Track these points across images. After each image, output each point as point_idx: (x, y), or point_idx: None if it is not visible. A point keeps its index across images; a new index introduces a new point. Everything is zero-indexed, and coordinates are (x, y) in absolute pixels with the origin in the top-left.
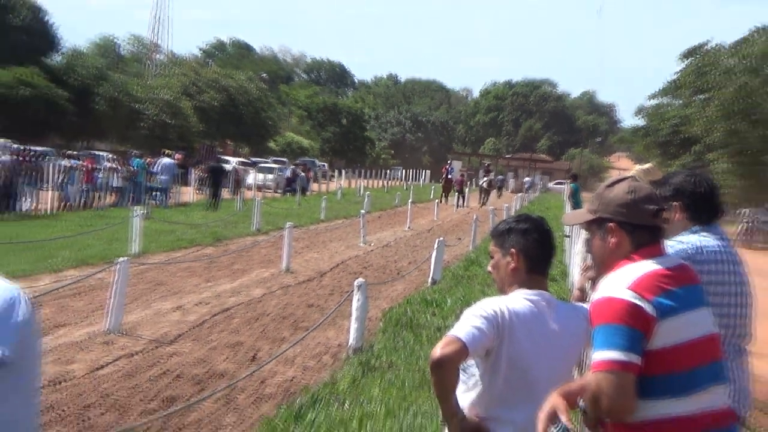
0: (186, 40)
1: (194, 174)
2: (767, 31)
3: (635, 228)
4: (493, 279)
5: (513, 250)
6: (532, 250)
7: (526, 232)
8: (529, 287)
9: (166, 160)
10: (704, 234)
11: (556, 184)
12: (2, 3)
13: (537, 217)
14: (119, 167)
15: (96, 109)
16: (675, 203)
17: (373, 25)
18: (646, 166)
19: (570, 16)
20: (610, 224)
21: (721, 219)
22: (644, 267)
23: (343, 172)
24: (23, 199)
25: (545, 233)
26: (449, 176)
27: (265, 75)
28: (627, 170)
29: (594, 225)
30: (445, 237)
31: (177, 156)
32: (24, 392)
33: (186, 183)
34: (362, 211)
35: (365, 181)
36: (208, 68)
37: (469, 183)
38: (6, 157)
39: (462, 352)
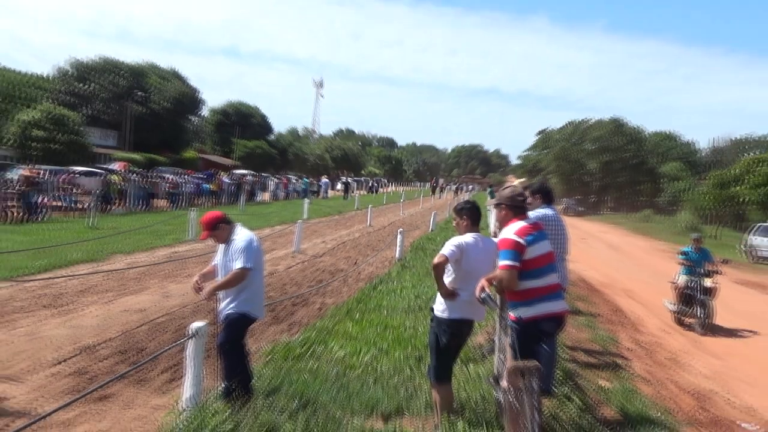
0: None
1: (339, 185)
2: (572, 123)
3: (513, 207)
4: (456, 230)
5: (464, 216)
6: (472, 216)
7: (470, 208)
8: (471, 232)
9: (324, 179)
10: (547, 209)
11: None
12: (245, 113)
13: (473, 201)
14: (296, 181)
15: (289, 158)
16: (536, 195)
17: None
18: (519, 180)
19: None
20: (503, 205)
21: (553, 202)
22: (519, 224)
23: (392, 184)
24: (258, 195)
25: (477, 208)
26: (435, 184)
27: (359, 143)
28: (512, 182)
29: (499, 206)
30: (436, 212)
31: (326, 177)
32: (259, 279)
33: (333, 188)
34: (401, 200)
35: (402, 187)
36: (335, 139)
37: (445, 187)
38: (250, 177)
39: (445, 261)
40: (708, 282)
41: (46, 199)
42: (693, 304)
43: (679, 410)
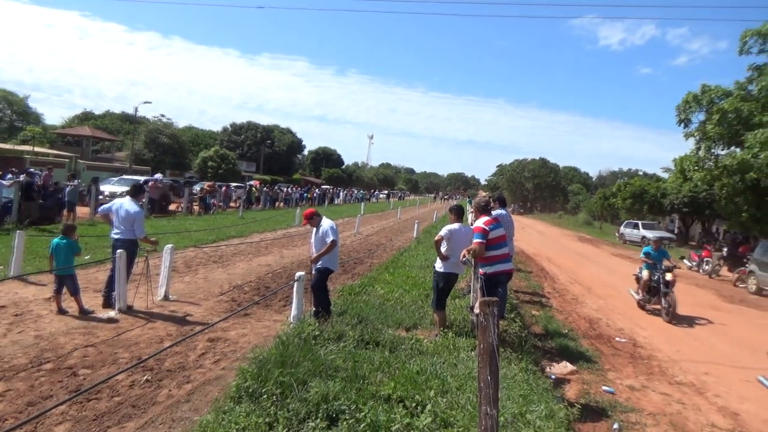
0: (376, 161)
1: (381, 195)
2: (517, 160)
3: (482, 209)
4: (449, 220)
5: (453, 213)
6: (458, 213)
7: (457, 208)
8: (458, 222)
9: (376, 192)
10: (502, 210)
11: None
12: (328, 152)
13: (459, 205)
14: (356, 192)
15: (353, 179)
16: (496, 202)
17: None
18: (485, 193)
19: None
20: (476, 208)
21: (506, 206)
22: (485, 218)
23: (412, 195)
24: (335, 200)
25: (461, 208)
26: (436, 195)
27: (394, 171)
28: (482, 194)
29: (474, 209)
30: (437, 211)
31: (384, 192)
32: (335, 250)
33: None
34: (417, 204)
35: (418, 197)
36: (379, 169)
37: (443, 197)
38: (330, 190)
39: (441, 238)
40: (669, 276)
41: (215, 201)
42: (657, 294)
43: (579, 329)
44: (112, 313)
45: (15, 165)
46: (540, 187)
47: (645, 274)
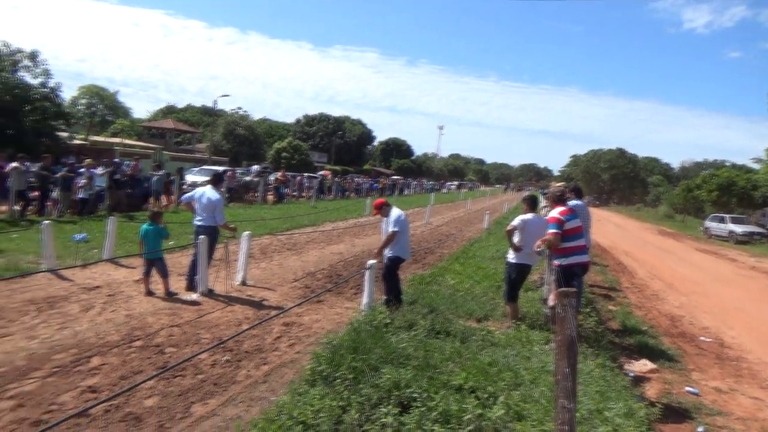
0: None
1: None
2: (593, 150)
3: (557, 199)
4: (522, 211)
5: (526, 203)
6: (531, 203)
7: (530, 198)
8: (530, 212)
9: (447, 183)
10: (578, 201)
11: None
12: (398, 143)
13: (533, 195)
14: (426, 183)
15: (423, 170)
16: (572, 192)
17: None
18: (559, 184)
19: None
20: (551, 198)
21: (582, 197)
22: (560, 209)
23: (482, 185)
24: (405, 191)
25: (534, 198)
26: (507, 186)
27: (463, 162)
28: (556, 185)
29: (549, 199)
30: (508, 203)
31: (455, 183)
32: (405, 237)
33: (449, 188)
34: (487, 195)
35: (488, 188)
36: (449, 159)
37: (513, 188)
38: (401, 180)
39: (513, 228)
40: None
41: (288, 191)
42: None
43: (660, 326)
44: (194, 296)
45: (106, 156)
46: (617, 178)
47: None
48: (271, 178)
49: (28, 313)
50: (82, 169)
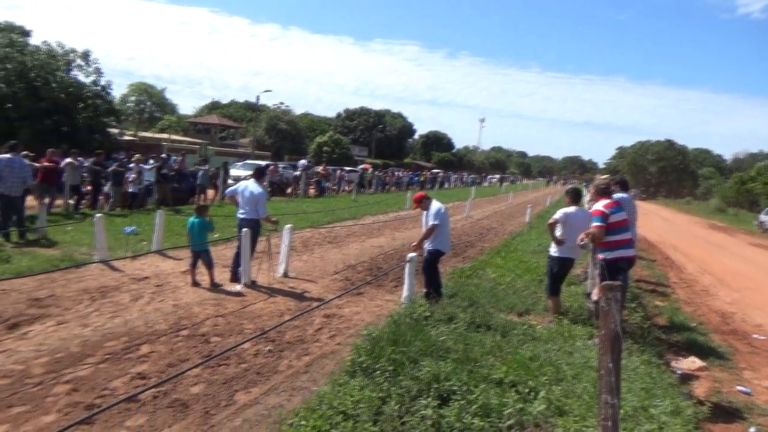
0: (487, 144)
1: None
2: (640, 142)
3: (602, 192)
4: (565, 203)
5: (570, 196)
6: (575, 196)
7: (573, 191)
8: (573, 205)
9: (489, 176)
10: (624, 194)
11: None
12: (439, 136)
13: (576, 188)
14: (466, 176)
15: (464, 163)
16: (617, 185)
17: None
18: (604, 176)
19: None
20: (596, 190)
21: (628, 190)
22: (605, 201)
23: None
24: (446, 184)
25: (577, 191)
26: (549, 179)
27: (505, 155)
28: (600, 178)
29: (592, 192)
30: (551, 196)
31: (496, 176)
32: (445, 230)
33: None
34: (529, 188)
35: (531, 181)
36: (490, 152)
37: (556, 181)
38: (441, 174)
39: (555, 222)
40: None
41: (329, 184)
42: None
43: (710, 323)
44: (238, 287)
45: (155, 151)
46: (665, 170)
47: None
48: (312, 172)
49: (82, 301)
50: (132, 164)
